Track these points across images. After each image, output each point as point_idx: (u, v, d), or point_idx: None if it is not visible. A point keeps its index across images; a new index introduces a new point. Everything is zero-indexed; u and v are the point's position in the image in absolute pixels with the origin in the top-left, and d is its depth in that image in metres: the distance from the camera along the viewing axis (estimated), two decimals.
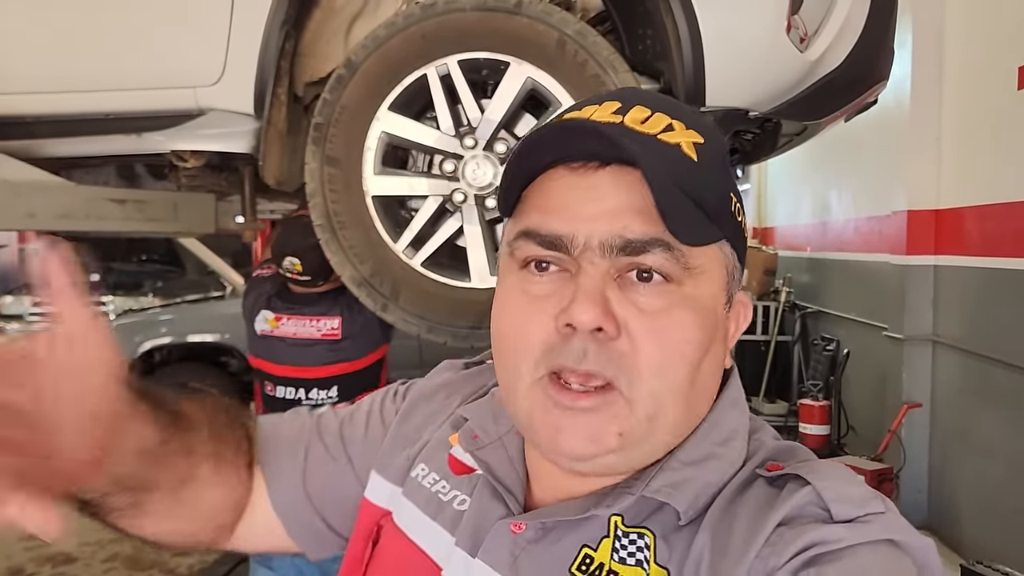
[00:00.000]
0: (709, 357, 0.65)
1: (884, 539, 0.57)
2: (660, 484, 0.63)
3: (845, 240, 6.24)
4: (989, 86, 4.15)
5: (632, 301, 0.61)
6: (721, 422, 0.68)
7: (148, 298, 7.79)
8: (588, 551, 0.64)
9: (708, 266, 0.64)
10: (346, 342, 2.57)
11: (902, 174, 4.87)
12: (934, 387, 4.74)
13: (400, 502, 0.77)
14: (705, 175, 0.63)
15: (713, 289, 0.64)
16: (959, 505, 4.38)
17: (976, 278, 4.29)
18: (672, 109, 0.66)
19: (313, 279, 2.58)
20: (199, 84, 2.14)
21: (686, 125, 0.64)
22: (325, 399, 2.59)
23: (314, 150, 2.05)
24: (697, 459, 0.65)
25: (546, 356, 0.62)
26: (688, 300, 0.62)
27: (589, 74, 1.96)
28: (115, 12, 2.16)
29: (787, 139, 2.49)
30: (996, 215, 4.06)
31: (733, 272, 0.67)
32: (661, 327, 0.61)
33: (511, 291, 0.66)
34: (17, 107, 2.20)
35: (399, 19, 2.03)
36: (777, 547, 0.57)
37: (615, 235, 0.61)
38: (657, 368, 0.61)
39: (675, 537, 0.62)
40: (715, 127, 0.69)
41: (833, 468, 0.63)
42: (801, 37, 2.04)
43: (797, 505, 0.59)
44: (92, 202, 2.37)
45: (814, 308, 6.93)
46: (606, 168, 0.63)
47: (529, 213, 0.65)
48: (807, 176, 7.31)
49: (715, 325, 0.65)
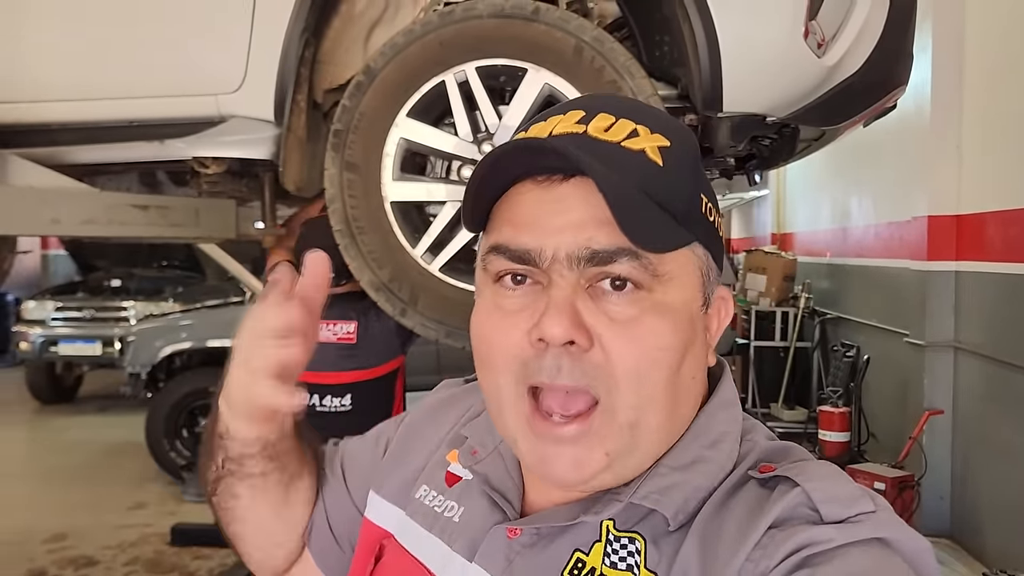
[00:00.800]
0: (688, 361, 0.65)
1: (874, 538, 0.57)
2: (648, 490, 0.64)
3: (865, 246, 6.20)
4: (1010, 91, 4.12)
5: (603, 311, 0.62)
6: (710, 425, 0.68)
7: (169, 303, 7.86)
8: (580, 555, 0.65)
9: (678, 271, 0.64)
10: (361, 348, 2.58)
11: (923, 179, 4.84)
12: (956, 394, 4.69)
13: (405, 522, 0.79)
14: (671, 179, 0.63)
15: (685, 293, 0.65)
16: (982, 513, 4.33)
17: (998, 284, 4.25)
18: (637, 114, 0.66)
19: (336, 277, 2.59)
20: (220, 91, 2.17)
21: (651, 129, 0.65)
22: (339, 407, 2.58)
23: (334, 156, 2.07)
24: (685, 464, 0.66)
25: (523, 371, 0.63)
26: (659, 306, 0.62)
27: (606, 80, 1.96)
28: (137, 21, 2.19)
29: (805, 144, 2.48)
30: (1018, 220, 4.02)
31: (708, 273, 0.67)
32: (633, 335, 0.61)
33: (487, 306, 0.67)
34: (42, 115, 2.23)
35: (417, 26, 2.04)
36: (768, 549, 0.57)
37: (581, 247, 0.61)
38: (633, 376, 0.62)
39: (665, 541, 0.63)
40: (684, 129, 0.69)
41: (823, 468, 0.63)
42: (819, 43, 2.03)
43: (787, 507, 0.59)
44: (115, 208, 2.40)
45: (834, 314, 6.88)
46: (571, 179, 0.63)
47: (499, 228, 0.66)
48: (827, 182, 7.27)
49: (691, 328, 0.65)
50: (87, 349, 7.72)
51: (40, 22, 2.19)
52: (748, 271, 7.86)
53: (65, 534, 4.95)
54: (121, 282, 8.32)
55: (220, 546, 4.70)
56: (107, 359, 7.71)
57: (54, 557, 4.64)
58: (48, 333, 7.76)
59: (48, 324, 7.79)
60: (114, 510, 5.40)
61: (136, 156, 2.29)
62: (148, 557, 4.65)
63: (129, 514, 5.36)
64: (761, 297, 7.56)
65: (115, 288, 8.25)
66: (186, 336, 6.28)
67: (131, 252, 8.59)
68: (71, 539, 4.88)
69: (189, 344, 6.20)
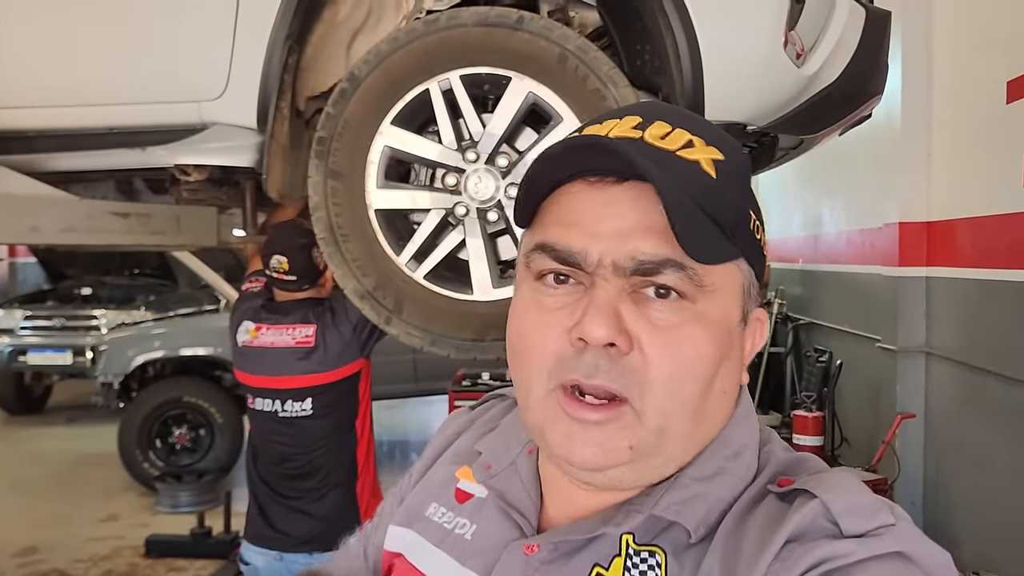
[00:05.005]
0: (722, 374, 0.65)
1: (895, 552, 0.57)
2: (669, 502, 0.64)
3: (837, 252, 6.29)
4: (978, 100, 4.20)
5: (645, 316, 0.62)
6: (732, 437, 0.68)
7: (140, 312, 7.76)
8: (600, 570, 0.64)
9: (722, 284, 0.64)
10: (319, 351, 2.57)
11: (893, 187, 4.92)
12: (928, 398, 4.77)
13: (414, 540, 0.78)
14: (723, 192, 0.63)
15: (727, 307, 0.65)
16: (955, 516, 4.40)
17: (968, 289, 4.33)
18: (693, 125, 0.66)
19: (298, 280, 2.58)
20: (202, 98, 2.15)
21: (706, 141, 0.65)
22: (299, 412, 2.58)
23: (317, 164, 2.07)
24: (707, 475, 0.65)
25: (558, 368, 0.63)
26: (701, 317, 0.62)
27: (590, 88, 1.98)
28: (118, 26, 2.17)
29: (783, 153, 2.52)
30: (988, 227, 4.10)
31: (749, 289, 0.67)
32: (673, 342, 0.61)
33: (526, 302, 0.67)
34: (20, 121, 2.20)
35: (402, 34, 2.05)
36: (787, 563, 0.57)
37: (627, 256, 0.61)
38: (668, 382, 0.62)
39: (686, 555, 0.63)
40: (737, 145, 0.68)
41: (842, 479, 0.63)
42: (798, 52, 2.07)
43: (806, 520, 0.59)
44: (95, 216, 2.37)
45: (806, 320, 6.96)
46: (624, 183, 0.63)
47: (545, 226, 0.66)
48: (798, 189, 7.36)
49: (728, 342, 0.65)
50: (57, 359, 7.59)
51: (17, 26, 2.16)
52: None
53: (35, 548, 4.87)
54: (92, 290, 8.19)
55: (195, 557, 4.65)
56: (78, 369, 7.59)
57: (24, 572, 4.56)
58: (16, 342, 7.62)
59: (17, 333, 7.65)
60: (86, 523, 5.33)
61: (117, 163, 2.26)
62: (121, 570, 4.58)
63: (101, 526, 5.29)
64: None
65: (86, 296, 8.12)
66: (159, 345, 6.21)
67: (102, 260, 8.46)
68: (42, 553, 4.81)
69: (162, 353, 6.14)
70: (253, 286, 2.81)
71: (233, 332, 2.71)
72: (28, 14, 2.16)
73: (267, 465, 2.65)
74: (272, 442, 2.63)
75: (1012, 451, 3.82)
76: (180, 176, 2.32)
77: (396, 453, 7.11)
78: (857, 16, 2.17)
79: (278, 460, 2.63)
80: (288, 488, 2.62)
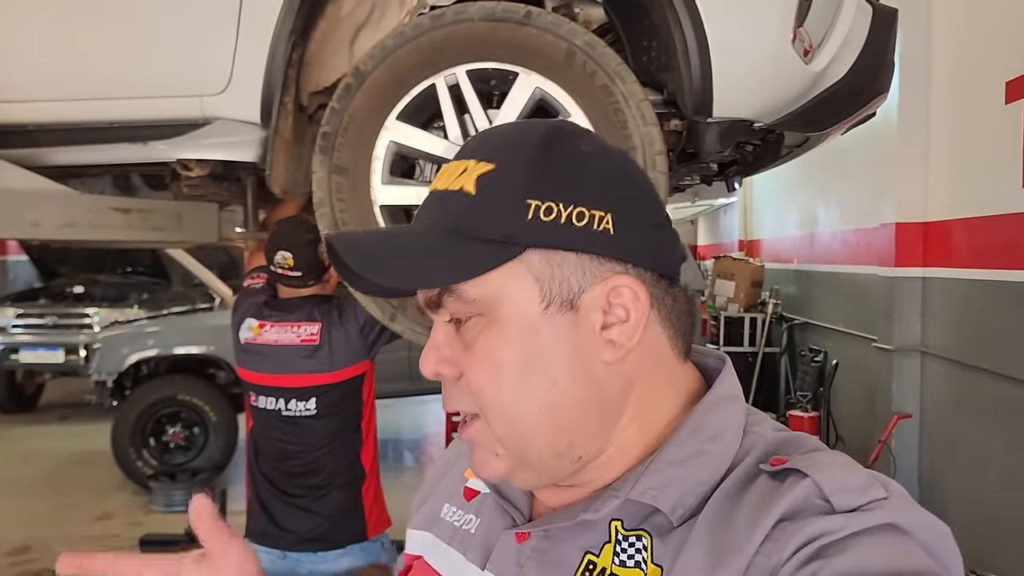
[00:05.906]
0: (564, 362, 0.65)
1: (887, 524, 0.57)
2: (645, 486, 0.65)
3: (833, 252, 6.30)
4: (976, 100, 4.21)
5: (463, 341, 0.67)
6: (708, 420, 0.67)
7: (134, 310, 7.72)
8: (591, 557, 0.66)
9: (504, 284, 0.64)
10: (324, 350, 2.54)
11: (890, 187, 4.93)
12: (923, 398, 4.78)
13: (431, 542, 0.81)
14: (482, 204, 0.64)
15: (517, 303, 0.64)
16: (950, 514, 4.41)
17: (964, 290, 4.35)
18: (483, 147, 0.68)
19: (304, 276, 2.55)
20: (205, 93, 2.14)
21: (480, 159, 0.66)
22: (303, 411, 2.56)
23: (322, 159, 2.05)
24: (683, 458, 0.66)
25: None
26: (491, 324, 0.65)
27: (598, 84, 1.97)
28: (121, 20, 2.15)
29: (787, 150, 2.52)
30: (984, 227, 4.11)
31: (554, 274, 0.65)
32: (476, 355, 0.66)
33: None
34: (21, 115, 2.18)
35: (408, 29, 2.03)
36: (779, 542, 0.57)
37: (423, 297, 0.68)
38: (487, 391, 0.65)
39: (671, 536, 0.64)
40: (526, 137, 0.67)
41: (833, 457, 0.64)
42: (806, 49, 2.06)
43: (798, 499, 0.59)
44: (96, 211, 2.35)
45: (801, 320, 6.98)
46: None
47: None
48: (794, 189, 7.38)
49: (532, 334, 0.64)
50: (49, 357, 7.54)
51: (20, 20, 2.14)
52: (717, 277, 7.93)
53: (28, 547, 4.83)
54: (84, 288, 8.13)
55: None
56: (70, 367, 7.55)
57: (17, 571, 4.52)
58: (8, 341, 7.57)
59: (8, 331, 7.61)
60: (79, 521, 5.29)
61: (118, 158, 2.24)
62: None
63: (95, 525, 5.25)
64: (730, 303, 7.63)
65: (78, 295, 8.07)
66: (153, 343, 6.18)
67: (94, 258, 8.41)
68: (35, 552, 4.77)
69: (156, 351, 6.11)
70: (255, 282, 2.78)
71: (235, 329, 2.68)
72: (30, 8, 2.14)
73: (269, 462, 2.63)
74: (274, 440, 2.61)
75: (1008, 450, 3.84)
76: (181, 171, 2.30)
77: (389, 452, 7.08)
78: (864, 13, 2.17)
79: (281, 457, 2.61)
80: (291, 485, 2.59)
